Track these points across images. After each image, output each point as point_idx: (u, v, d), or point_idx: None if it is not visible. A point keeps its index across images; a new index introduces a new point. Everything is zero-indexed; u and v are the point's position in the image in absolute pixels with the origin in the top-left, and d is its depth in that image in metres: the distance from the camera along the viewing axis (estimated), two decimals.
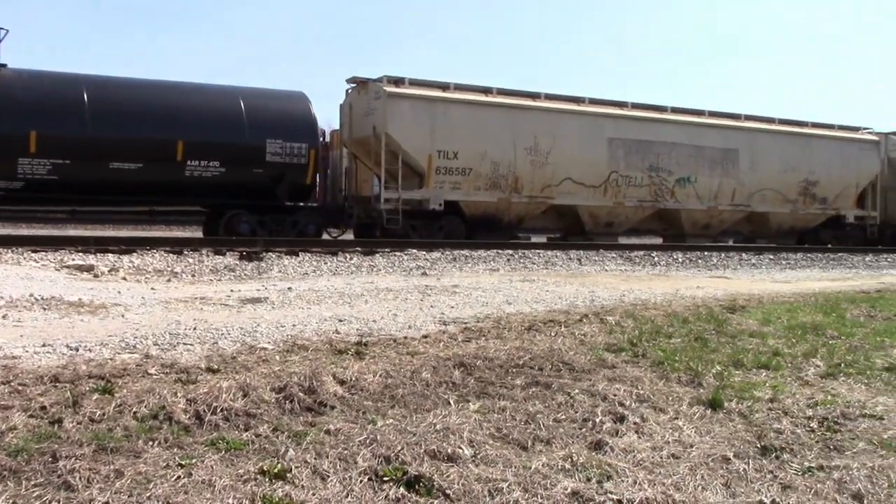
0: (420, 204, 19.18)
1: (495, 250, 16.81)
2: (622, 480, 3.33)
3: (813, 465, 3.65)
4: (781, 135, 24.42)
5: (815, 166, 24.71)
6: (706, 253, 19.65)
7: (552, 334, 6.47)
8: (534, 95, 20.99)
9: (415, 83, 19.48)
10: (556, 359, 5.36)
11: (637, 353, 5.80)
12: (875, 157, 26.12)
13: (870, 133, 26.66)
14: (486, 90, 20.42)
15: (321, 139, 18.79)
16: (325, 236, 18.92)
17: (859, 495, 3.32)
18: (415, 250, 15.88)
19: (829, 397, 4.80)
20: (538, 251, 17.36)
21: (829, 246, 24.05)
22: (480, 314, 7.75)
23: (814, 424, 4.26)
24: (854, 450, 3.89)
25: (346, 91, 20.31)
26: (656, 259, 17.94)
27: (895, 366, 5.73)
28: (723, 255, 19.65)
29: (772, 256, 20.17)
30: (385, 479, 3.17)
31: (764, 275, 16.01)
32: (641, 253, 18.60)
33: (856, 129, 26.55)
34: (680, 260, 18.24)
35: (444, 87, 19.85)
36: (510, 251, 16.89)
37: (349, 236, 19.90)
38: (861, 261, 20.78)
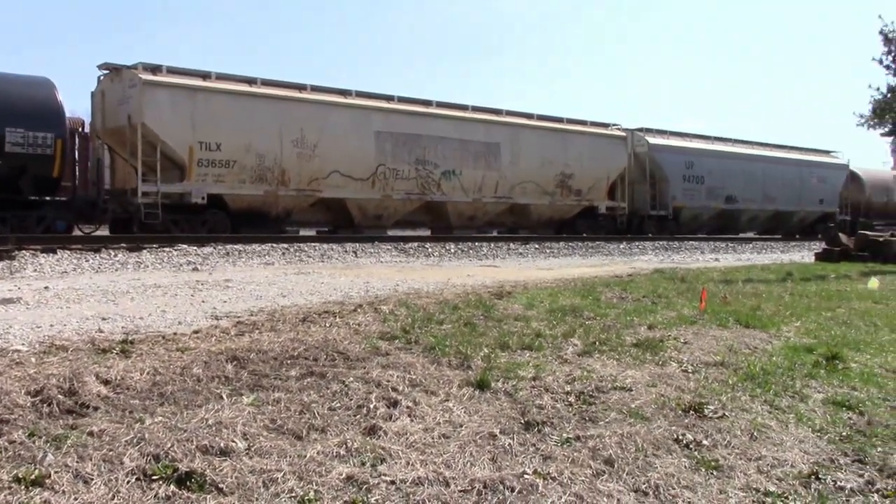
0: (181, 198, 18.47)
1: (270, 244, 16.58)
2: (395, 462, 3.42)
3: (571, 436, 3.91)
4: (540, 130, 25.82)
5: (570, 160, 26.32)
6: (477, 244, 20.42)
7: (327, 325, 6.49)
8: (300, 87, 20.84)
9: (173, 71, 18.74)
10: (330, 349, 5.38)
11: (410, 340, 5.93)
12: (623, 152, 28.24)
13: (618, 129, 28.74)
14: (251, 80, 20.01)
15: (79, 129, 17.62)
16: (77, 232, 17.74)
17: (611, 460, 3.61)
18: (185, 245, 15.33)
19: (586, 373, 5.15)
20: (314, 244, 17.30)
21: (585, 235, 25.73)
22: (254, 308, 7.63)
23: (572, 399, 4.57)
24: (607, 420, 4.21)
25: (99, 78, 19.17)
26: (430, 250, 18.43)
27: (642, 342, 6.26)
28: (493, 245, 20.49)
29: (537, 246, 21.31)
30: (154, 477, 3.06)
31: (530, 263, 16.92)
32: (416, 245, 19.03)
33: (606, 126, 28.48)
34: (452, 251, 18.84)
35: (205, 75, 19.25)
36: (286, 245, 16.72)
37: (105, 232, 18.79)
38: (616, 248, 22.50)
